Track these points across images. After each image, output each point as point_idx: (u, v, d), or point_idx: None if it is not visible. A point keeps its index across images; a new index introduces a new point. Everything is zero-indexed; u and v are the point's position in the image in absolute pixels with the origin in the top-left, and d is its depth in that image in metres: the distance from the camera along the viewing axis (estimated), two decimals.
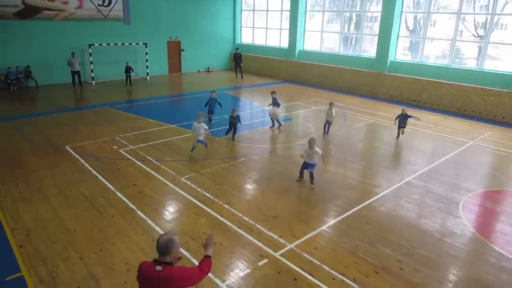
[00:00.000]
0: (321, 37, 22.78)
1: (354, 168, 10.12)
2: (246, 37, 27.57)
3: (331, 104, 12.59)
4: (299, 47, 23.43)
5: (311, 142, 8.54)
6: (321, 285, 5.52)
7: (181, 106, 17.55)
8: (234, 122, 11.69)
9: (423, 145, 12.38)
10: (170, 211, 7.64)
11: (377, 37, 19.23)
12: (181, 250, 5.90)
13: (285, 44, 24.42)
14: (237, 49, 24.54)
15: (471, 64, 17.25)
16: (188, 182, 8.80)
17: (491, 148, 12.24)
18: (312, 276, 5.70)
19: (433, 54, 18.61)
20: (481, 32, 16.80)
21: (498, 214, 8.11)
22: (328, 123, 12.63)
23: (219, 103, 13.19)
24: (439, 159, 10.84)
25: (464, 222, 7.56)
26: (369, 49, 20.62)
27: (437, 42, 18.44)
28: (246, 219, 7.29)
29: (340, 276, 5.72)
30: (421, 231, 7.15)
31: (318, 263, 6.02)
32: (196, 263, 5.54)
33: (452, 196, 8.59)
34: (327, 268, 5.89)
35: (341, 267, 5.94)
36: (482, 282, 5.79)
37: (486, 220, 7.92)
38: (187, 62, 25.63)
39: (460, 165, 10.62)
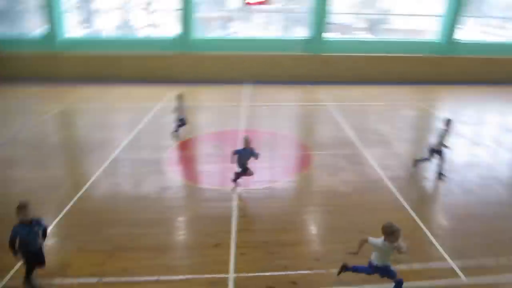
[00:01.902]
0: None
1: (55, 165, 9.25)
2: None
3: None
4: None
5: None
6: None
7: None
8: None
9: (117, 119, 12.78)
10: None
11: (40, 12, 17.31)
12: None
13: None
14: None
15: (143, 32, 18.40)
16: None
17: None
18: None
19: (107, 26, 18.68)
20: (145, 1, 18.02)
21: (195, 158, 9.62)
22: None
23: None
24: (136, 127, 11.44)
25: (171, 175, 8.51)
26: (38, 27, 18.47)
27: (108, 15, 18.49)
28: None
29: (77, 280, 5.22)
30: (140, 198, 7.49)
31: (47, 281, 5.14)
32: None
33: (156, 157, 9.36)
34: (61, 280, 5.21)
35: (75, 270, 5.41)
36: (200, 215, 6.82)
37: (188, 167, 9.24)
38: None
39: (154, 127, 11.63)
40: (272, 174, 8.62)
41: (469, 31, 18.45)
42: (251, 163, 7.38)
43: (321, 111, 13.44)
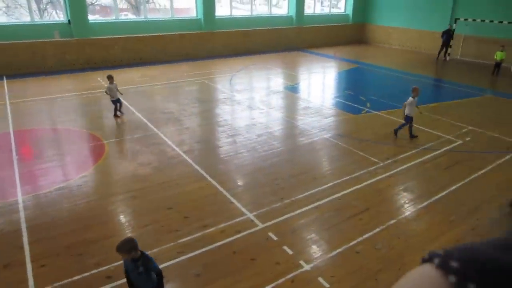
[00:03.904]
0: None
1: None
2: None
3: None
4: None
5: None
6: None
7: None
8: None
9: None
10: None
11: None
12: None
13: None
14: None
15: None
16: None
17: None
18: None
19: None
20: None
21: None
22: None
23: None
24: None
25: None
26: None
27: None
28: None
29: None
30: None
31: None
32: None
33: None
34: None
35: None
36: None
37: None
38: None
39: None
40: (63, 173, 7.77)
41: (224, 8, 20.69)
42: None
43: (103, 98, 12.71)
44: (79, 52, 16.43)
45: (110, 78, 10.63)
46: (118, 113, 10.82)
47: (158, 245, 5.46)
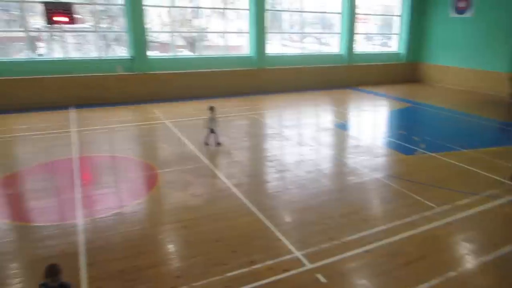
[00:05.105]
0: None
1: None
2: None
3: None
4: None
5: None
6: None
7: None
8: None
9: None
10: None
11: None
12: None
13: None
14: None
15: None
16: None
17: None
18: None
19: None
20: None
21: (22, 195, 8.28)
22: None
23: None
24: None
25: None
26: None
27: None
28: None
29: None
30: None
31: None
32: None
33: None
34: None
35: None
36: (38, 257, 5.92)
37: (15, 206, 7.88)
38: None
39: None
40: (118, 199, 8.15)
41: (275, 46, 21.34)
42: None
43: (159, 129, 13.37)
44: (138, 85, 17.54)
45: (211, 109, 11.15)
46: (210, 141, 11.29)
47: (205, 277, 5.49)
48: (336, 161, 10.55)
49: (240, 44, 21.01)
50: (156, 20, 18.80)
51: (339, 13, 22.35)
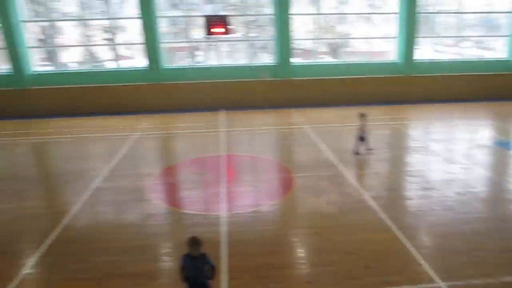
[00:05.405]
0: None
1: (32, 196, 8.96)
2: None
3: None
4: None
5: None
6: None
7: None
8: None
9: (93, 150, 12.56)
10: None
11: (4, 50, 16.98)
12: None
13: None
14: None
15: (109, 65, 18.47)
16: None
17: (152, 134, 13.97)
18: None
19: (72, 60, 18.60)
20: (108, 35, 18.17)
21: (177, 184, 9.53)
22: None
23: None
24: (115, 157, 11.27)
25: (155, 202, 8.39)
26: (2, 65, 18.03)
27: (72, 49, 18.53)
28: None
29: None
30: (125, 226, 7.37)
31: None
32: None
33: (137, 185, 9.24)
34: None
35: None
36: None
37: (171, 193, 9.13)
38: None
39: (134, 156, 11.48)
40: (256, 198, 8.65)
41: (425, 51, 19.49)
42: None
43: (298, 134, 13.68)
44: (281, 91, 18.29)
45: (362, 115, 10.98)
46: (360, 150, 11.13)
47: None
48: (495, 184, 9.14)
49: (385, 49, 20.01)
50: (300, 28, 19.33)
51: (509, 12, 19.30)
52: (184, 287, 4.57)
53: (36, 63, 17.81)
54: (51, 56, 18.48)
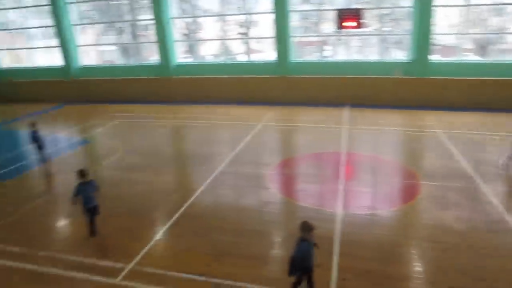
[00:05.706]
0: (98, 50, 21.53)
1: (168, 173, 10.18)
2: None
3: None
4: (76, 64, 21.51)
5: None
6: None
7: None
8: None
9: (221, 136, 13.56)
10: None
11: (155, 44, 19.54)
12: None
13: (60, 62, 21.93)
14: None
15: (241, 58, 19.68)
16: None
17: (276, 126, 14.44)
18: (162, 286, 5.52)
19: (209, 53, 20.37)
20: (243, 30, 19.31)
21: (295, 176, 9.68)
22: None
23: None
24: (240, 144, 11.99)
25: (273, 191, 8.67)
26: (153, 56, 20.81)
27: (210, 43, 20.28)
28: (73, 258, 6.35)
29: (188, 275, 5.73)
30: (243, 210, 7.84)
31: (163, 272, 5.85)
32: None
33: (258, 173, 9.67)
34: (174, 273, 5.81)
35: (185, 267, 5.95)
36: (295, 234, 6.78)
37: (289, 184, 9.32)
38: None
39: (257, 145, 12.05)
40: (375, 201, 8.24)
41: None
42: None
43: (429, 138, 12.49)
44: (413, 90, 16.88)
45: None
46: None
47: None
48: None
49: None
50: (442, 21, 17.44)
51: None
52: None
53: (180, 56, 19.99)
54: (191, 49, 20.56)
